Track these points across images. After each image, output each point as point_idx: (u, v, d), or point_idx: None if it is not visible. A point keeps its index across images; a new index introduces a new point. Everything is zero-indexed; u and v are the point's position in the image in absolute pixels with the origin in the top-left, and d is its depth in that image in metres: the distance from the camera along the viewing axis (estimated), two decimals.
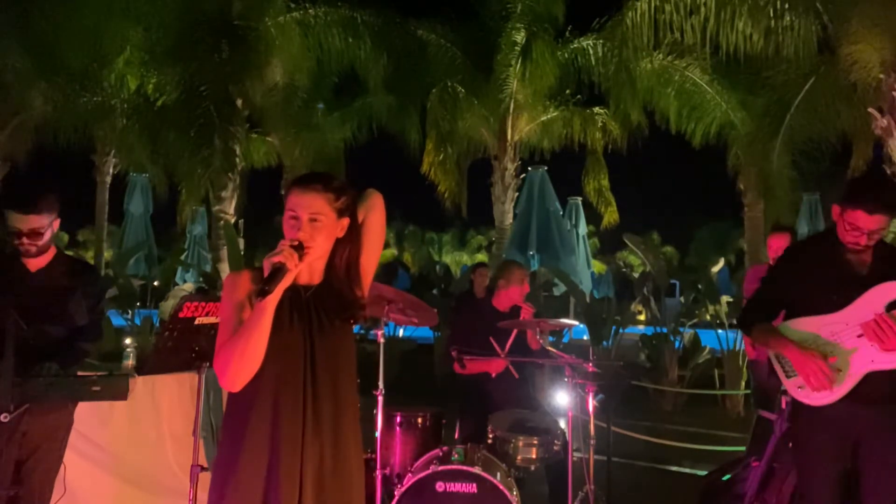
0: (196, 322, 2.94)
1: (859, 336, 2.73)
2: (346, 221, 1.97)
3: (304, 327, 1.92)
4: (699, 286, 11.29)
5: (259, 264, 1.88)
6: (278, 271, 1.78)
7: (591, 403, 3.86)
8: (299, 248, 1.84)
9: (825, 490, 2.79)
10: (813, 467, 2.85)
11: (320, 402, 1.90)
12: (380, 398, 3.49)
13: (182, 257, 17.13)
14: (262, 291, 1.76)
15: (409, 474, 3.43)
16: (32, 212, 2.93)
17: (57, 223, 3.05)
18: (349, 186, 2.01)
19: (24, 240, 2.95)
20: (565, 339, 11.26)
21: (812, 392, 2.77)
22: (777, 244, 4.98)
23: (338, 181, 1.99)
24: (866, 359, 2.72)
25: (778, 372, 2.91)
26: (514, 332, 4.15)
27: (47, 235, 2.99)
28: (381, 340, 3.62)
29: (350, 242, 2.00)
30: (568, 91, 12.56)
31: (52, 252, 3.10)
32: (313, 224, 1.90)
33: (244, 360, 1.80)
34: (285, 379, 1.88)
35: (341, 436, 1.93)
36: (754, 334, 3.03)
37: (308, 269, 1.96)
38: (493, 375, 4.19)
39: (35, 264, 3.05)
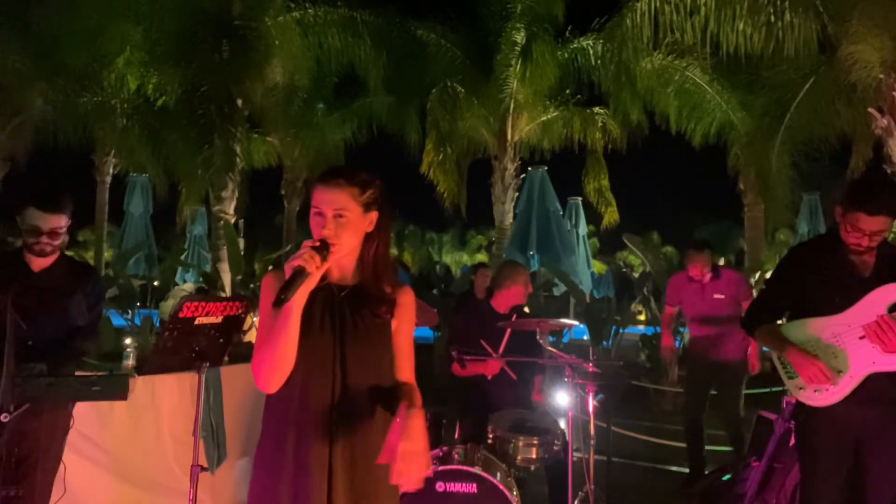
0: (196, 322, 2.93)
1: (861, 338, 2.73)
2: (374, 215, 1.90)
3: (334, 330, 1.86)
4: None
5: (259, 264, 1.85)
6: (298, 276, 1.70)
7: (591, 403, 3.85)
8: (322, 249, 1.76)
9: (827, 490, 2.80)
10: (815, 467, 2.85)
11: (351, 406, 1.84)
12: None
13: (182, 257, 17.15)
14: (278, 300, 1.69)
15: None
16: (55, 211, 2.96)
17: (69, 224, 3.08)
18: (374, 178, 1.93)
19: (43, 238, 2.96)
20: (565, 339, 11.27)
21: (813, 393, 2.77)
22: (698, 262, 5.23)
23: (363, 174, 1.91)
24: (867, 360, 2.72)
25: (780, 372, 2.92)
26: (508, 333, 4.13)
27: (62, 236, 3.03)
28: None
29: (376, 236, 1.92)
30: (568, 91, 12.56)
31: (56, 253, 3.11)
32: (338, 220, 1.83)
33: (274, 363, 1.76)
34: (313, 383, 1.83)
35: (372, 443, 1.86)
36: (757, 336, 3.06)
37: (339, 267, 1.91)
38: (489, 377, 4.18)
39: (38, 265, 3.06)
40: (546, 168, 14.75)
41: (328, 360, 1.84)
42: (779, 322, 3.06)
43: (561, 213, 15.79)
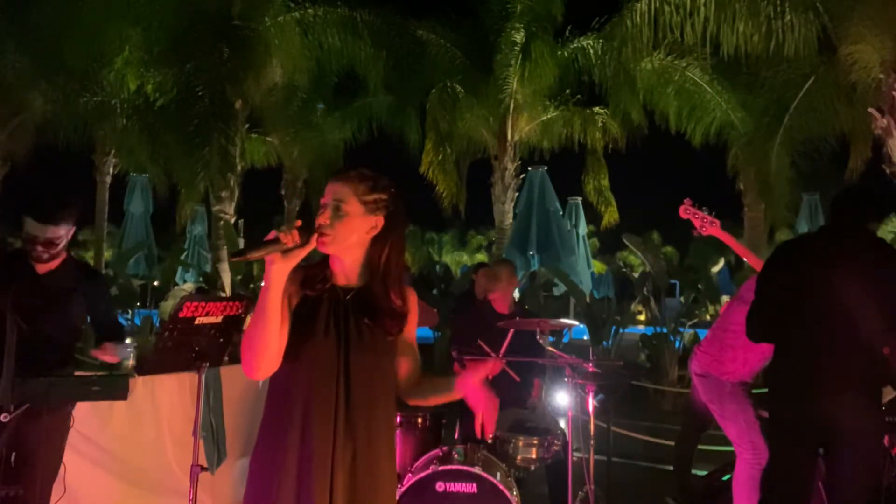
0: (196, 322, 2.93)
1: None
2: (378, 219, 1.86)
3: (339, 335, 1.84)
4: (699, 286, 11.30)
5: (258, 265, 1.85)
6: (269, 242, 1.68)
7: (591, 403, 3.85)
8: (304, 230, 1.73)
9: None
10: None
11: (353, 413, 1.83)
12: None
13: (182, 257, 17.17)
14: (235, 253, 1.70)
15: (409, 474, 3.43)
16: (50, 223, 2.95)
17: (72, 231, 3.07)
18: (390, 186, 1.89)
19: (38, 247, 2.96)
20: (565, 339, 11.27)
21: None
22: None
23: (377, 177, 1.88)
24: None
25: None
26: (511, 333, 4.12)
27: (62, 245, 3.02)
28: None
29: (386, 243, 1.89)
30: (568, 91, 12.56)
31: (62, 256, 3.10)
32: (335, 212, 1.82)
33: (252, 345, 1.74)
34: (318, 387, 1.82)
35: (374, 448, 1.86)
36: None
37: (343, 270, 1.90)
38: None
39: (44, 267, 3.05)
40: (546, 168, 14.78)
41: (332, 364, 1.84)
42: None
43: (561, 213, 15.83)
